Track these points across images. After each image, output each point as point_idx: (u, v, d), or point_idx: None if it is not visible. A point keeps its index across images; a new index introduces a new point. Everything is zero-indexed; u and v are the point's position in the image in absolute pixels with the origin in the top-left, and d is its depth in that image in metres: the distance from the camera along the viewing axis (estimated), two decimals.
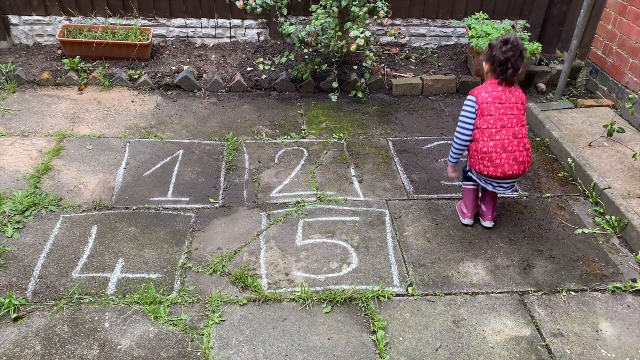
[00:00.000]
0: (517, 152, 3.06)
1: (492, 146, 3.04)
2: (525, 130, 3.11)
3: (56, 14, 5.17)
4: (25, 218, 3.30)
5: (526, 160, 3.11)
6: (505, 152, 3.05)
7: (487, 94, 3.04)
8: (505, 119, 3.04)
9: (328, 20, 4.50)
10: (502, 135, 3.04)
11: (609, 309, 2.90)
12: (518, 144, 3.07)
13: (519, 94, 3.09)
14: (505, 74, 2.99)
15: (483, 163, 3.10)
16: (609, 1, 4.85)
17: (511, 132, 3.05)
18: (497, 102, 3.03)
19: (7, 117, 4.28)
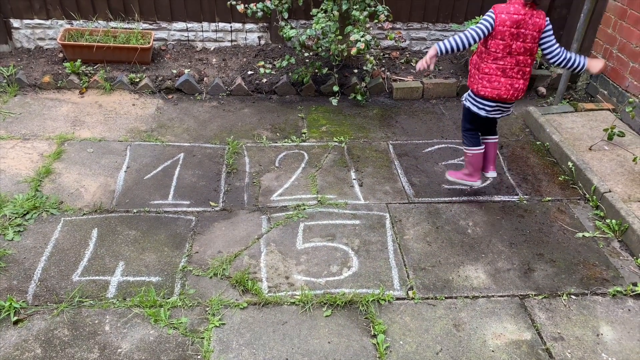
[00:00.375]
0: (515, 80, 3.18)
1: (494, 69, 3.16)
2: (533, 59, 3.18)
3: (58, 17, 5.19)
4: (26, 221, 3.30)
5: (522, 88, 3.23)
6: (504, 77, 3.16)
7: (508, 17, 3.03)
8: (514, 47, 3.09)
9: (329, 24, 4.51)
10: (506, 61, 3.13)
11: (609, 313, 2.90)
12: (518, 71, 3.17)
13: (540, 21, 3.08)
14: None
15: (482, 83, 3.22)
16: (609, 5, 4.86)
17: (515, 60, 3.13)
18: (514, 28, 3.04)
19: (8, 121, 4.29)
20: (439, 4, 5.43)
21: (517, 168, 4.09)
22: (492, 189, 3.84)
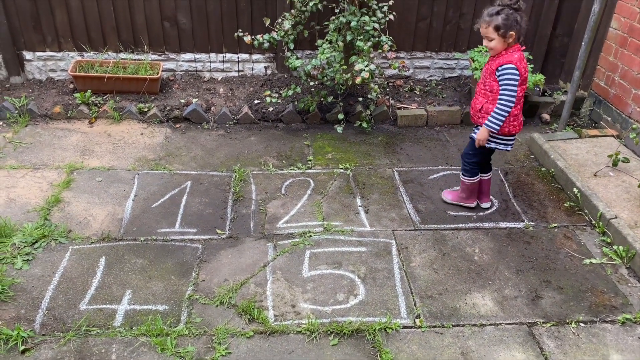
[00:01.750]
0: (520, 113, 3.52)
1: (519, 109, 3.43)
2: None
3: (69, 50, 5.32)
4: (34, 250, 3.33)
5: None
6: (521, 113, 3.51)
7: (522, 65, 3.28)
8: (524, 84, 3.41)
9: (333, 54, 4.60)
10: (520, 96, 3.39)
11: (619, 341, 2.87)
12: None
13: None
14: (523, 37, 3.30)
15: (512, 124, 3.45)
16: (610, 34, 4.94)
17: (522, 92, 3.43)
18: (523, 70, 3.31)
19: (19, 150, 4.37)
20: (442, 34, 5.53)
21: (522, 194, 4.10)
22: (498, 216, 3.85)
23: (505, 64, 3.24)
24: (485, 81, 3.42)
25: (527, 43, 5.61)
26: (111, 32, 5.27)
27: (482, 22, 3.23)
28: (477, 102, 3.49)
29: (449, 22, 5.47)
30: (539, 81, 4.82)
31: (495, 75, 3.31)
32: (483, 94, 3.46)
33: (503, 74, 3.26)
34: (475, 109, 3.52)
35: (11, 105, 4.85)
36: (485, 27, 3.22)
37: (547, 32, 5.49)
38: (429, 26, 5.48)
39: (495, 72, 3.29)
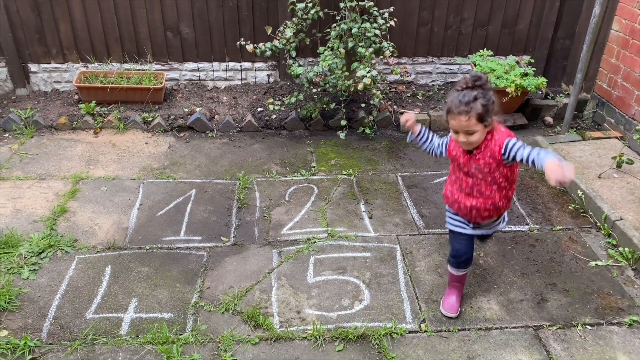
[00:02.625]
0: None
1: (512, 191, 2.81)
2: None
3: (74, 61, 5.38)
4: (41, 260, 3.36)
5: None
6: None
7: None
8: None
9: (335, 61, 4.62)
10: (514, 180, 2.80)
11: (626, 343, 2.85)
12: None
13: None
14: None
15: (509, 205, 2.83)
16: (611, 36, 4.94)
17: None
18: None
19: (25, 161, 4.41)
20: (443, 39, 5.55)
21: (526, 197, 4.09)
22: None
23: (506, 140, 2.55)
24: (490, 177, 2.65)
25: (528, 47, 5.63)
26: (115, 43, 5.32)
27: (458, 115, 2.47)
28: (493, 199, 2.70)
29: (450, 27, 5.49)
30: (541, 84, 4.82)
31: (503, 160, 2.57)
32: (495, 190, 2.69)
33: (515, 144, 2.53)
34: (489, 208, 2.74)
35: (17, 117, 4.90)
36: (465, 120, 2.46)
37: (549, 35, 5.50)
38: (430, 31, 5.51)
39: (501, 158, 2.56)
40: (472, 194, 2.73)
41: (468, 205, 2.75)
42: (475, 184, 2.69)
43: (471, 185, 2.71)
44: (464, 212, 2.80)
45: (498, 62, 5.08)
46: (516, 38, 5.59)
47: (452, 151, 2.76)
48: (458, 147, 2.70)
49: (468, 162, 2.67)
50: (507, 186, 2.70)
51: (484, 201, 2.71)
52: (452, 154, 2.76)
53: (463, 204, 2.77)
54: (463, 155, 2.69)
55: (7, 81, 5.36)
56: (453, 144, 2.75)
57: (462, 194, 2.77)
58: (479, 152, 2.61)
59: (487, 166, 2.61)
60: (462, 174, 2.73)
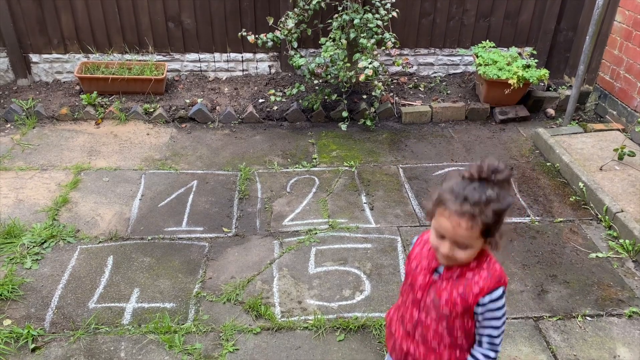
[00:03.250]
0: None
1: None
2: None
3: (75, 52, 5.36)
4: (43, 250, 3.37)
5: None
6: None
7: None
8: None
9: (337, 52, 4.61)
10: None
11: (626, 334, 2.86)
12: None
13: None
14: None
15: None
16: (614, 27, 4.92)
17: None
18: None
19: (27, 152, 4.42)
20: (446, 30, 5.53)
21: (527, 189, 4.10)
22: None
23: (494, 289, 1.71)
24: (446, 324, 1.78)
25: (531, 38, 5.61)
26: (116, 34, 5.31)
27: (458, 215, 1.59)
28: (438, 356, 1.83)
29: (452, 18, 5.47)
30: (543, 76, 4.81)
31: (474, 310, 1.73)
32: (446, 345, 1.82)
33: (497, 310, 1.72)
34: None
35: (19, 108, 4.90)
36: (465, 226, 1.59)
37: (552, 26, 5.47)
38: (433, 22, 5.48)
39: (474, 305, 1.72)
40: (413, 336, 1.86)
41: (404, 348, 1.89)
42: (422, 322, 1.82)
43: (416, 321, 1.84)
44: (398, 356, 1.94)
45: (500, 54, 5.06)
46: (519, 29, 5.56)
47: (412, 261, 1.85)
48: (426, 257, 1.81)
49: (426, 287, 1.78)
50: (463, 346, 1.82)
51: (424, 354, 1.85)
52: (411, 266, 1.85)
53: (399, 344, 1.92)
54: (424, 274, 1.79)
55: (8, 71, 5.36)
56: (419, 251, 1.85)
57: (402, 328, 1.90)
58: (450, 278, 1.73)
59: (449, 305, 1.74)
60: (411, 301, 1.84)
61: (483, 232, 1.61)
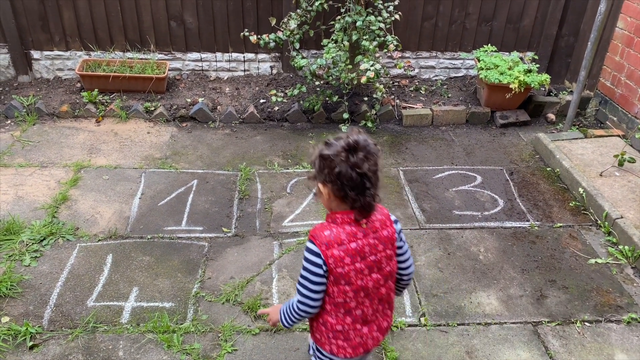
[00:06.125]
0: (381, 318, 2.03)
1: (350, 322, 1.95)
2: (394, 280, 2.03)
3: (76, 49, 5.36)
4: (42, 247, 3.36)
5: (390, 323, 2.09)
6: (366, 325, 1.99)
7: (342, 251, 1.83)
8: (370, 284, 1.91)
9: (339, 54, 4.61)
10: (364, 307, 1.95)
11: (624, 341, 2.87)
12: (383, 307, 2.02)
13: (388, 233, 1.92)
14: (365, 198, 1.79)
15: (336, 343, 1.99)
16: (616, 33, 4.93)
17: (377, 298, 1.96)
18: (359, 261, 1.86)
19: (27, 149, 4.41)
20: (448, 33, 5.53)
21: (527, 194, 4.10)
22: (503, 215, 3.85)
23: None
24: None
25: (532, 43, 5.62)
26: (118, 32, 5.30)
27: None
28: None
29: (455, 21, 5.47)
30: (544, 81, 4.81)
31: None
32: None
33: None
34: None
35: (19, 104, 4.89)
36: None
37: (553, 32, 5.48)
38: (435, 26, 5.49)
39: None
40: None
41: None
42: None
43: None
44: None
45: (502, 58, 5.07)
46: (520, 34, 5.57)
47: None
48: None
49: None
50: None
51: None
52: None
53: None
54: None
55: (9, 68, 5.35)
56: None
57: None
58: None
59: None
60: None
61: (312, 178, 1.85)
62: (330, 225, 1.87)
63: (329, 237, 1.84)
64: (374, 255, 1.89)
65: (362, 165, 1.74)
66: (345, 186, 1.76)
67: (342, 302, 1.91)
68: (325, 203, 1.89)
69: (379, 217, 1.92)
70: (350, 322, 1.95)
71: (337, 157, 1.74)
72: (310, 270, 1.87)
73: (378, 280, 1.93)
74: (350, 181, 1.75)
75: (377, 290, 1.95)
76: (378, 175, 1.81)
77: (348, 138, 1.76)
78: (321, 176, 1.81)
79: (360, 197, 1.78)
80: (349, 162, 1.74)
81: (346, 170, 1.74)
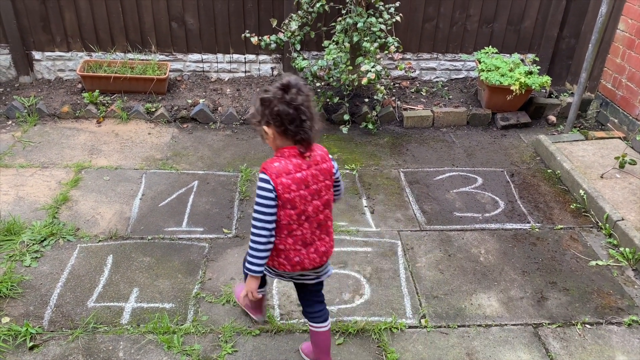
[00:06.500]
0: (319, 242, 2.32)
1: (291, 243, 2.26)
2: (331, 210, 2.35)
3: (78, 50, 5.36)
4: (43, 247, 3.36)
5: (329, 247, 2.37)
6: (305, 247, 2.29)
7: (290, 179, 2.14)
8: (310, 209, 2.22)
9: (340, 55, 4.61)
10: (304, 229, 2.25)
11: (625, 343, 2.86)
12: (321, 232, 2.31)
13: (327, 166, 2.26)
14: (305, 131, 2.10)
15: (278, 260, 2.31)
16: (617, 35, 4.93)
17: (316, 223, 2.27)
18: (303, 188, 2.17)
19: (28, 149, 4.41)
20: (448, 35, 5.53)
21: (528, 196, 4.10)
22: (503, 217, 3.85)
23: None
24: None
25: (533, 45, 5.62)
26: (119, 33, 5.31)
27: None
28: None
29: (456, 23, 5.48)
30: (545, 83, 4.81)
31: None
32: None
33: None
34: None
35: (20, 105, 4.90)
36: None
37: (554, 33, 5.48)
38: (436, 27, 5.49)
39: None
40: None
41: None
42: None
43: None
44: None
45: (503, 60, 5.07)
46: (521, 36, 5.57)
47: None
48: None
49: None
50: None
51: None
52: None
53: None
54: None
55: (10, 68, 5.35)
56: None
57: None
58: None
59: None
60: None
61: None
62: (279, 159, 2.17)
63: (278, 167, 2.14)
64: (316, 185, 2.22)
65: (296, 100, 2.05)
66: (284, 121, 2.07)
67: (286, 225, 2.21)
68: (271, 143, 2.20)
69: (320, 153, 2.25)
70: (291, 242, 2.26)
71: (275, 98, 2.05)
72: (263, 197, 2.14)
73: (318, 207, 2.25)
74: (288, 116, 2.05)
75: (316, 216, 2.26)
76: (312, 110, 2.12)
77: (281, 80, 2.09)
78: (264, 118, 2.11)
79: (299, 130, 2.09)
80: (284, 99, 2.04)
81: (283, 107, 2.05)
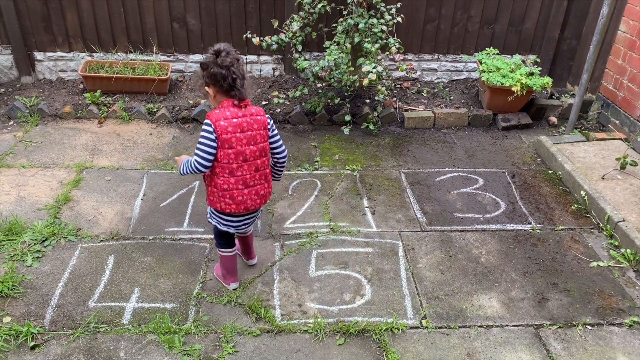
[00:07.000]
0: (259, 186, 2.82)
1: (234, 183, 2.74)
2: (268, 159, 2.85)
3: (79, 50, 5.37)
4: (44, 247, 3.37)
5: (267, 192, 2.90)
6: (247, 188, 2.77)
7: (227, 123, 2.65)
8: (247, 152, 2.71)
9: (341, 56, 4.62)
10: (243, 170, 2.74)
11: (626, 344, 2.86)
12: (260, 177, 2.81)
13: (261, 118, 2.77)
14: (236, 87, 2.64)
15: (224, 201, 2.78)
16: (618, 37, 4.93)
17: (253, 166, 2.76)
18: (239, 132, 2.68)
19: (29, 149, 4.42)
20: (450, 36, 5.54)
21: (529, 197, 4.10)
22: (504, 218, 3.85)
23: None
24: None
25: (535, 46, 5.62)
26: (121, 33, 5.32)
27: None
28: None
29: (457, 24, 5.48)
30: (546, 84, 4.81)
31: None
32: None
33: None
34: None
35: (22, 105, 4.91)
36: None
37: (555, 35, 5.48)
38: (437, 28, 5.50)
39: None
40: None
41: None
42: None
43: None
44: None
45: (504, 61, 5.07)
46: (523, 37, 5.57)
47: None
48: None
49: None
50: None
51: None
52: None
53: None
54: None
55: (12, 69, 5.37)
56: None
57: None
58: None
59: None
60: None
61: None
62: (219, 108, 2.69)
63: (217, 114, 2.67)
64: (251, 131, 2.71)
65: (226, 61, 2.58)
66: (219, 80, 2.61)
67: (226, 164, 2.70)
68: (213, 101, 2.74)
69: (255, 109, 2.77)
70: (233, 182, 2.73)
71: (210, 62, 2.61)
72: (205, 136, 2.66)
73: (254, 152, 2.74)
74: (221, 75, 2.60)
75: (254, 161, 2.76)
76: (241, 70, 2.65)
77: (213, 47, 2.63)
78: (204, 79, 2.67)
79: (233, 86, 2.62)
80: (217, 62, 2.59)
81: (216, 69, 2.59)
